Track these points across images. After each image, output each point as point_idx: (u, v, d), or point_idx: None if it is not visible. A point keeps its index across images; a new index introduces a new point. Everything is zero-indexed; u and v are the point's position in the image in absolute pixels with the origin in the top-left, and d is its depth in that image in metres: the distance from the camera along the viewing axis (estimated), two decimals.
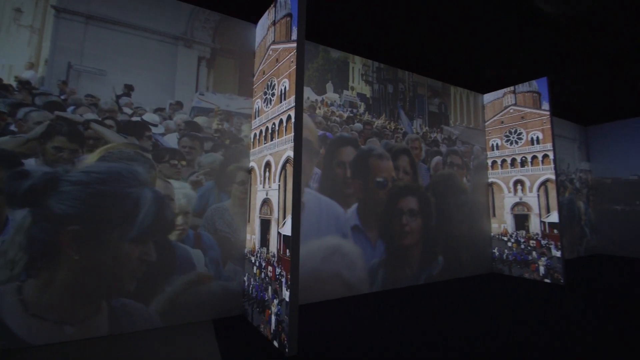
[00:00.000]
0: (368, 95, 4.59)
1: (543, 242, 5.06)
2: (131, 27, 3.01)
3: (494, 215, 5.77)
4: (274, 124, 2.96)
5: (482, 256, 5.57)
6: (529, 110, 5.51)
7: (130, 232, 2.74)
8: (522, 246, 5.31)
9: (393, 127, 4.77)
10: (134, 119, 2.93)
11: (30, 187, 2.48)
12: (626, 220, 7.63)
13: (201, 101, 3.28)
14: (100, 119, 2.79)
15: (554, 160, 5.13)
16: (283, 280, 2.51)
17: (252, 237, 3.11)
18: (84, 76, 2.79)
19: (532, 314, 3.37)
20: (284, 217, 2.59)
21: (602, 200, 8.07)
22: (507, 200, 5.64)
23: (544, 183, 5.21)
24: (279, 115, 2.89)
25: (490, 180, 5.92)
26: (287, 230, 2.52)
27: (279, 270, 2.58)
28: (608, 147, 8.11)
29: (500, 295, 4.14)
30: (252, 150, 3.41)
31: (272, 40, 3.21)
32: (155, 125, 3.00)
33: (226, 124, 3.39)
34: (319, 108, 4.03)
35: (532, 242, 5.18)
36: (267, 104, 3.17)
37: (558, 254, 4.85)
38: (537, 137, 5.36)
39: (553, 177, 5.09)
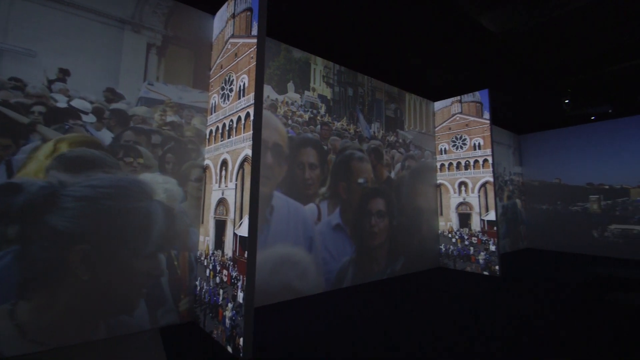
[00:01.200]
0: (329, 97, 4.57)
1: (483, 238, 5.48)
2: (68, 4, 2.64)
3: (442, 214, 6.12)
4: (231, 120, 2.79)
5: (430, 252, 5.88)
6: (472, 118, 5.92)
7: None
8: (467, 242, 5.71)
9: (353, 130, 4.82)
10: (60, 105, 2.55)
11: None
12: (550, 218, 8.60)
13: (150, 91, 2.98)
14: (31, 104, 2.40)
15: (493, 164, 5.59)
16: (239, 283, 2.38)
17: (206, 239, 2.92)
18: (8, 56, 2.38)
19: (472, 302, 3.62)
20: (241, 218, 2.45)
21: (531, 201, 9.01)
22: (452, 200, 6.01)
23: (483, 185, 5.64)
24: (237, 112, 2.74)
25: (438, 181, 6.26)
26: (243, 231, 2.39)
27: (235, 274, 2.44)
28: (537, 153, 9.07)
29: (446, 287, 4.39)
30: (207, 148, 3.19)
31: (231, 34, 3.04)
32: (86, 114, 2.63)
33: (178, 117, 3.13)
34: (280, 107, 3.92)
35: (474, 239, 5.60)
36: (224, 100, 2.99)
37: (496, 248, 5.29)
38: (479, 143, 5.78)
39: (491, 179, 5.54)
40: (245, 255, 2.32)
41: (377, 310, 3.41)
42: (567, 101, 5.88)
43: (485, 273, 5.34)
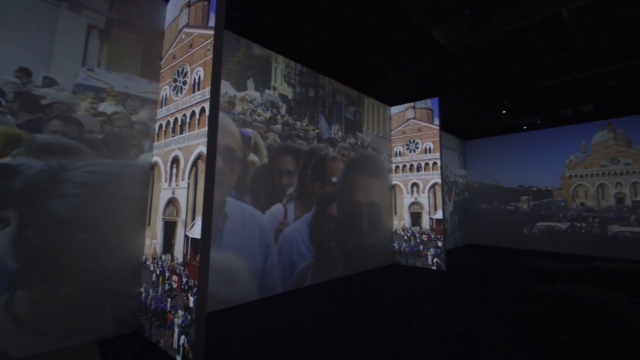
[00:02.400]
0: (290, 97, 4.47)
1: (432, 235, 5.79)
2: None
3: (395, 213, 6.35)
4: (184, 115, 2.57)
5: (385, 250, 6.06)
6: (424, 124, 6.22)
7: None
8: (418, 240, 5.97)
9: (314, 132, 4.77)
10: None
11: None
12: (488, 217, 9.39)
13: (89, 78, 2.64)
14: None
15: (441, 167, 5.92)
16: (191, 289, 2.19)
17: (153, 242, 2.65)
18: None
19: (422, 295, 3.78)
20: (193, 219, 2.26)
21: (473, 200, 9.76)
22: (405, 200, 6.26)
23: (433, 186, 5.95)
24: (191, 106, 2.53)
25: (393, 182, 6.48)
26: (196, 232, 2.20)
27: (186, 279, 2.24)
28: (478, 158, 9.84)
29: (398, 282, 4.54)
30: (156, 143, 2.91)
31: (185, 23, 2.80)
32: None
33: (122, 107, 2.81)
34: (239, 104, 3.73)
35: (424, 236, 5.88)
36: (177, 93, 2.75)
37: (443, 245, 5.61)
38: (430, 147, 6.09)
39: (440, 181, 5.87)
40: (198, 259, 2.14)
41: (329, 309, 3.40)
42: (504, 112, 6.44)
43: (433, 268, 5.63)
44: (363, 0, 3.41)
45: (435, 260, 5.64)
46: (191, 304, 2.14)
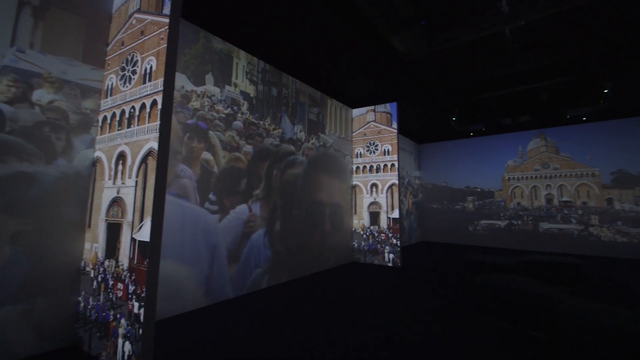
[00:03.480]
0: (252, 95, 4.32)
1: (389, 234, 6.00)
2: None
3: (355, 212, 6.48)
4: (133, 107, 2.35)
5: (345, 249, 6.15)
6: (383, 127, 6.42)
7: None
8: (377, 238, 6.15)
9: (278, 132, 4.67)
10: None
11: None
12: (439, 215, 9.99)
13: (19, 60, 2.29)
14: None
15: (398, 168, 6.17)
16: (139, 296, 2.00)
17: (94, 246, 2.38)
18: None
19: (379, 290, 3.89)
20: (142, 220, 2.07)
21: (426, 200, 10.32)
22: (365, 200, 6.41)
23: (391, 186, 6.17)
24: (141, 98, 2.32)
25: (354, 183, 6.61)
26: (144, 235, 2.02)
27: (133, 287, 2.05)
28: (431, 160, 10.43)
29: (357, 280, 4.63)
30: (99, 137, 2.62)
31: (136, 8, 2.56)
32: None
33: (61, 96, 2.49)
34: (196, 99, 3.51)
35: (382, 235, 6.08)
36: (125, 82, 2.50)
37: (399, 242, 5.85)
38: (388, 149, 6.31)
39: (397, 181, 6.11)
40: (146, 263, 1.96)
41: (285, 312, 3.36)
42: (454, 119, 6.89)
43: (390, 265, 5.84)
44: (328, 3, 3.41)
45: (391, 257, 5.86)
46: (136, 311, 1.95)
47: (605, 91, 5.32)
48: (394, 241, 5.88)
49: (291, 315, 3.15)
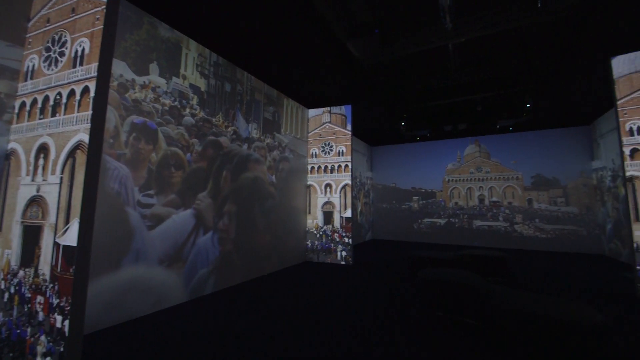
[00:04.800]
0: (203, 89, 4.08)
1: (343, 233, 6.14)
2: None
3: (309, 212, 6.51)
4: (59, 94, 2.06)
5: (298, 248, 6.15)
6: (338, 128, 6.56)
7: None
8: (330, 238, 6.25)
9: (231, 129, 4.47)
10: None
11: None
12: (387, 215, 10.52)
13: None
14: None
15: (352, 169, 6.35)
16: (62, 308, 1.75)
17: (6, 253, 2.03)
18: None
19: (331, 288, 3.96)
20: (67, 222, 1.82)
21: (377, 200, 10.79)
22: (319, 199, 6.48)
23: (344, 187, 6.33)
24: (70, 84, 2.04)
25: (309, 183, 6.63)
26: (70, 239, 1.78)
27: (57, 300, 1.79)
28: (382, 162, 10.93)
29: (311, 279, 4.66)
30: (15, 126, 2.24)
31: None
32: None
33: None
34: (136, 90, 3.21)
35: (336, 234, 6.20)
36: (49, 65, 2.18)
37: (351, 241, 6.02)
38: (342, 150, 6.46)
39: (350, 182, 6.28)
40: (72, 271, 1.73)
41: (238, 313, 3.25)
42: (403, 124, 7.31)
43: (342, 263, 5.99)
44: (287, 0, 3.36)
45: (344, 255, 6.00)
46: (59, 325, 1.71)
47: (528, 106, 6.09)
48: (347, 240, 6.04)
49: (241, 318, 3.05)
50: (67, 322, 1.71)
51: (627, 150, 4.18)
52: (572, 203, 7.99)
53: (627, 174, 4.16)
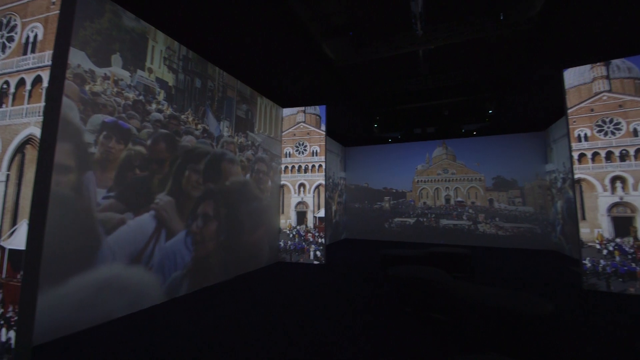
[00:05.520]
0: (170, 84, 3.90)
1: (316, 233, 6.16)
2: None
3: (283, 212, 6.46)
4: (6, 83, 1.87)
5: (271, 249, 6.08)
6: (312, 128, 6.57)
7: None
8: (303, 237, 6.24)
9: (200, 127, 4.31)
10: None
11: None
12: (360, 214, 10.72)
13: None
14: None
15: (325, 169, 6.39)
16: (7, 319, 1.60)
17: None
18: None
19: (303, 287, 3.96)
20: (14, 224, 1.66)
21: (349, 200, 10.95)
22: (293, 199, 6.46)
23: (317, 187, 6.35)
24: (19, 72, 1.87)
25: (282, 182, 6.58)
26: (18, 242, 1.63)
27: (1, 310, 1.62)
28: (355, 162, 11.11)
29: (283, 278, 4.63)
30: None
31: None
32: None
33: None
34: (97, 82, 3.00)
35: (309, 234, 6.20)
36: None
37: (324, 241, 6.06)
38: (316, 150, 6.48)
39: (324, 182, 6.32)
40: (19, 277, 1.58)
41: (209, 317, 3.16)
42: (375, 125, 7.48)
43: (315, 262, 6.01)
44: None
45: (318, 254, 6.03)
46: (3, 338, 1.56)
47: (490, 112, 6.49)
48: (320, 240, 6.07)
49: (210, 321, 2.96)
50: (13, 334, 1.56)
51: (575, 155, 4.60)
52: (528, 203, 8.64)
53: (576, 176, 4.57)
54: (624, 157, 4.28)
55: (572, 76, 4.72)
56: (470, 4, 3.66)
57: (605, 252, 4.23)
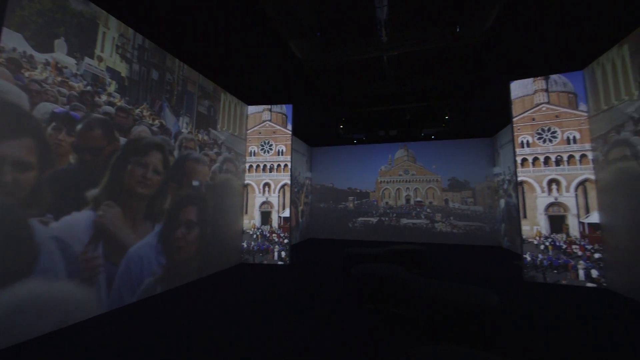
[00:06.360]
0: (123, 75, 3.62)
1: (281, 233, 6.11)
2: None
3: (246, 212, 6.32)
4: None
5: (234, 250, 5.92)
6: (278, 127, 6.51)
7: None
8: (268, 238, 6.15)
9: (158, 122, 4.05)
10: None
11: None
12: (325, 214, 10.84)
13: None
14: None
15: (291, 169, 6.37)
16: None
17: None
18: None
19: (267, 288, 3.92)
20: None
21: (315, 200, 11.03)
22: (257, 199, 6.34)
23: (283, 186, 6.31)
24: None
25: (246, 182, 6.44)
26: None
27: None
28: (321, 163, 11.21)
29: (246, 280, 4.53)
30: None
31: None
32: None
33: None
34: (38, 68, 2.69)
35: (274, 235, 6.14)
36: None
37: (289, 241, 6.03)
38: (282, 150, 6.43)
39: (289, 182, 6.30)
40: None
41: (166, 321, 3.00)
42: (341, 127, 7.62)
43: (280, 263, 5.97)
44: None
45: (281, 255, 5.99)
46: None
47: (446, 117, 6.94)
48: (285, 240, 6.04)
49: (166, 330, 2.81)
50: None
51: (519, 160, 5.09)
52: (479, 203, 9.38)
53: (519, 179, 5.06)
54: (559, 162, 4.83)
55: (518, 88, 5.22)
56: (431, 14, 3.88)
57: (542, 247, 4.74)
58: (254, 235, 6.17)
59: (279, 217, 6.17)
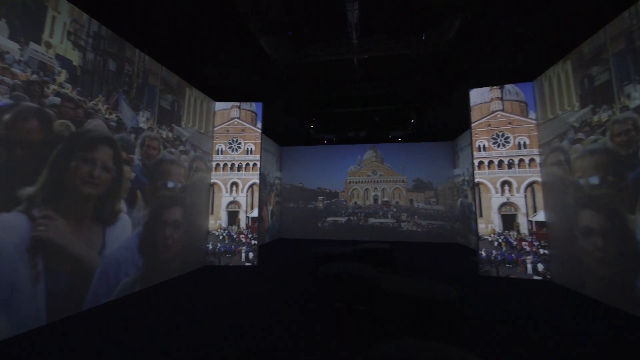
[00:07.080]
0: (75, 63, 3.32)
1: (249, 234, 6.00)
2: None
3: (212, 212, 6.12)
4: None
5: (198, 252, 5.71)
6: (247, 125, 6.38)
7: None
8: (235, 239, 6.00)
9: (115, 117, 3.78)
10: None
11: None
12: (295, 214, 10.82)
13: None
14: None
15: (260, 168, 6.28)
16: None
17: None
18: None
19: (234, 290, 3.83)
20: None
21: (284, 200, 10.96)
22: (224, 199, 6.17)
23: (252, 186, 6.20)
24: None
25: (213, 181, 6.23)
26: None
27: None
28: (291, 162, 11.16)
29: (211, 283, 4.39)
30: None
31: None
32: None
33: None
34: None
35: (241, 235, 6.00)
36: None
37: (256, 242, 5.94)
38: (251, 148, 6.31)
39: (258, 181, 6.20)
40: None
41: (120, 333, 2.83)
42: (312, 127, 7.65)
43: (247, 264, 5.86)
44: None
45: (249, 256, 5.88)
46: None
47: (412, 121, 7.24)
48: (252, 241, 5.94)
49: (127, 336, 2.64)
50: None
51: (476, 162, 5.46)
52: (441, 203, 9.91)
53: (476, 180, 5.43)
54: (511, 165, 5.25)
55: (476, 95, 5.59)
56: (399, 22, 4.04)
57: (495, 243, 5.13)
58: (220, 237, 6.00)
59: (247, 217, 6.06)
